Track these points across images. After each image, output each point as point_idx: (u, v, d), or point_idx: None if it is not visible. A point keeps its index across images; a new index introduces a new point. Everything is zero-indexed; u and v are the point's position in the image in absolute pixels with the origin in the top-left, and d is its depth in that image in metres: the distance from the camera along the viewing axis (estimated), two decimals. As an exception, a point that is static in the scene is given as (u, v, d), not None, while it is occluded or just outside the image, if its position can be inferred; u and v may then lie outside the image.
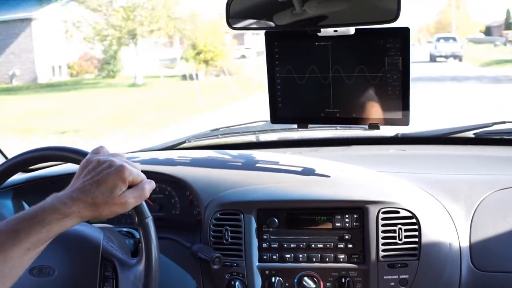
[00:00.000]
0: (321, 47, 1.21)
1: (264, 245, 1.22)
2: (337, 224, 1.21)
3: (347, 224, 1.20)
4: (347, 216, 1.21)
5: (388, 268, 1.17)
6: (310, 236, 1.22)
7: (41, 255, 0.84)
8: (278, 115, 1.30)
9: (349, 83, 1.21)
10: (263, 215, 1.23)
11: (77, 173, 0.88)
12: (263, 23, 1.20)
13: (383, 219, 1.18)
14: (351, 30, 1.16)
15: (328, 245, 1.20)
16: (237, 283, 1.20)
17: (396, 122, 1.21)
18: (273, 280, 1.20)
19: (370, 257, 1.17)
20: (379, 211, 1.18)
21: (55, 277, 1.05)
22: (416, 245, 1.17)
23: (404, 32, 1.15)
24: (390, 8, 1.08)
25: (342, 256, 1.20)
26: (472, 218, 1.22)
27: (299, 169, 1.34)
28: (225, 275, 1.22)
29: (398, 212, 1.18)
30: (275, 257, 1.21)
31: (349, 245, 1.20)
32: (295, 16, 1.15)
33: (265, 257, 1.22)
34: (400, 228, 1.17)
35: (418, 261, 1.17)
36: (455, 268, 1.19)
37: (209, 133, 1.76)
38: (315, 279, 1.19)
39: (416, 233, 1.17)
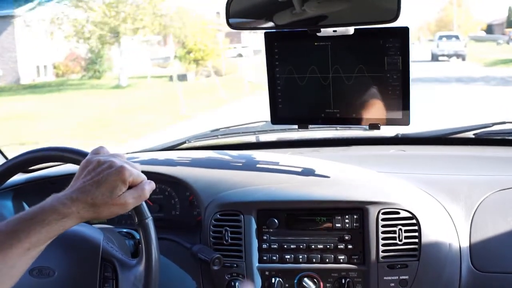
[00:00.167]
0: (320, 47, 1.21)
1: (264, 245, 1.22)
2: (337, 225, 1.21)
3: (347, 225, 1.20)
4: (347, 216, 1.20)
5: (388, 268, 1.17)
6: (310, 237, 1.21)
7: (41, 256, 0.84)
8: (279, 115, 1.30)
9: (349, 83, 1.21)
10: (263, 215, 1.23)
11: (77, 174, 0.88)
12: (262, 23, 1.20)
13: (383, 219, 1.18)
14: (350, 30, 1.16)
15: (328, 246, 1.20)
16: (237, 283, 1.20)
17: (396, 122, 1.20)
18: (273, 281, 1.20)
19: (370, 257, 1.17)
20: (379, 212, 1.18)
21: (55, 278, 1.05)
22: (416, 246, 1.17)
23: (404, 32, 1.15)
24: (389, 8, 1.08)
25: (342, 257, 1.19)
26: (472, 218, 1.22)
27: (299, 169, 1.33)
28: (225, 276, 1.22)
29: (398, 212, 1.18)
30: (275, 258, 1.21)
31: (349, 246, 1.20)
32: (295, 16, 1.15)
33: (265, 257, 1.21)
34: (400, 229, 1.17)
35: (418, 261, 1.16)
36: (455, 269, 1.19)
37: (209, 133, 1.76)
38: (315, 280, 1.19)
39: (416, 233, 1.17)
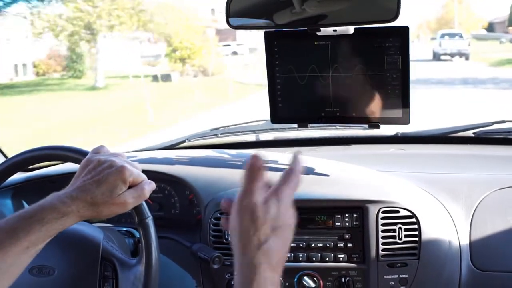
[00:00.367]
0: (320, 46, 1.21)
1: (264, 244, 1.22)
2: (337, 224, 1.21)
3: (347, 224, 1.20)
4: (347, 215, 1.21)
5: (388, 267, 1.17)
6: (310, 236, 1.21)
7: (41, 255, 0.84)
8: (278, 114, 1.30)
9: (348, 83, 1.21)
10: (263, 214, 1.22)
11: (77, 173, 0.88)
12: (262, 22, 1.19)
13: (383, 218, 1.18)
14: (350, 30, 1.16)
15: (328, 245, 1.20)
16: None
17: (396, 121, 1.21)
18: (273, 279, 1.20)
19: (370, 256, 1.17)
20: (379, 211, 1.18)
21: (55, 276, 1.05)
22: (416, 245, 1.17)
23: (404, 31, 1.15)
24: (389, 7, 1.08)
25: (342, 256, 1.20)
26: (472, 217, 1.22)
27: None
28: (225, 275, 1.22)
29: (398, 211, 1.18)
30: (275, 256, 1.21)
31: (349, 245, 1.20)
32: (295, 15, 1.15)
33: (265, 256, 1.21)
34: (400, 228, 1.17)
35: (418, 260, 1.17)
36: (455, 268, 1.19)
37: (208, 132, 1.76)
38: (315, 279, 1.19)
39: (416, 232, 1.17)
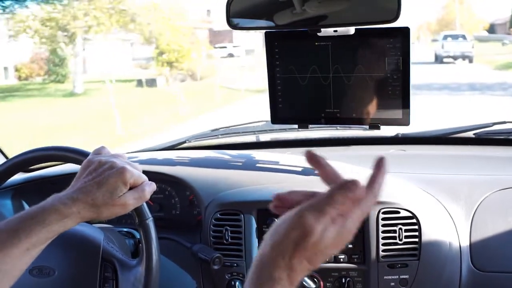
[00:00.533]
0: (321, 47, 1.21)
1: (264, 245, 1.22)
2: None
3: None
4: None
5: (388, 268, 1.17)
6: (310, 236, 1.21)
7: (41, 255, 0.84)
8: (279, 115, 1.30)
9: (349, 83, 1.21)
10: (263, 215, 1.22)
11: (78, 174, 0.88)
12: (263, 23, 1.19)
13: (383, 219, 1.18)
14: (351, 30, 1.16)
15: (328, 245, 1.20)
16: (237, 283, 1.20)
17: (397, 122, 1.20)
18: (273, 280, 1.20)
19: (370, 257, 1.17)
20: (379, 211, 1.18)
21: (55, 277, 1.05)
22: (416, 245, 1.17)
23: (404, 32, 1.15)
24: (390, 8, 1.08)
25: (342, 256, 1.19)
26: (472, 218, 1.22)
27: (299, 169, 1.33)
28: (225, 275, 1.22)
29: (398, 212, 1.18)
30: (275, 257, 1.21)
31: (349, 245, 1.20)
32: (295, 16, 1.15)
33: (265, 257, 1.21)
34: (400, 228, 1.17)
35: (418, 261, 1.16)
36: (455, 268, 1.19)
37: (209, 133, 1.76)
38: (315, 279, 1.19)
39: (416, 233, 1.17)
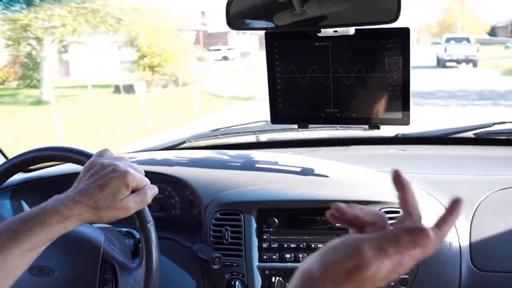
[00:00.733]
0: (321, 47, 1.21)
1: (264, 245, 1.22)
2: (337, 224, 1.21)
3: (347, 224, 1.20)
4: None
5: None
6: (310, 236, 1.21)
7: (41, 255, 0.84)
8: (278, 115, 1.30)
9: (349, 83, 1.21)
10: (263, 215, 1.23)
11: (80, 175, 0.87)
12: (263, 23, 1.20)
13: (383, 219, 1.18)
14: (351, 31, 1.16)
15: (328, 245, 1.20)
16: (237, 283, 1.20)
17: (396, 122, 1.21)
18: (273, 280, 1.20)
19: (370, 257, 1.17)
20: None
21: (54, 277, 1.05)
22: None
23: (404, 33, 1.15)
24: (390, 8, 1.08)
25: None
26: (472, 218, 1.22)
27: (299, 169, 1.34)
28: (225, 275, 1.22)
29: (398, 212, 1.18)
30: (275, 257, 1.21)
31: (349, 245, 1.20)
32: (295, 16, 1.15)
33: (265, 257, 1.22)
34: None
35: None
36: (455, 268, 1.19)
37: (209, 133, 1.76)
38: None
39: None
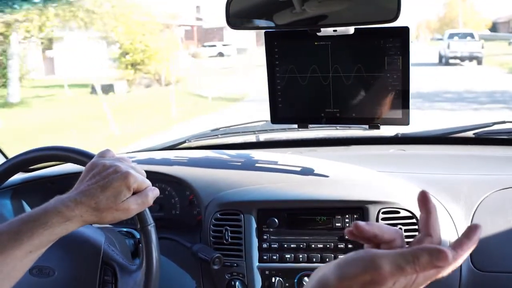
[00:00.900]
0: (320, 47, 1.21)
1: (264, 245, 1.22)
2: (337, 224, 1.21)
3: (347, 224, 1.20)
4: (347, 216, 1.20)
5: None
6: (310, 236, 1.21)
7: (42, 255, 0.84)
8: (278, 115, 1.30)
9: (349, 83, 1.21)
10: (263, 215, 1.23)
11: (81, 176, 0.87)
12: (263, 23, 1.19)
13: (383, 219, 1.18)
14: (350, 30, 1.16)
15: (328, 245, 1.20)
16: (237, 283, 1.20)
17: (396, 122, 1.21)
18: (273, 280, 1.20)
19: (370, 257, 1.17)
20: (379, 211, 1.18)
21: (54, 277, 1.05)
22: None
23: (404, 32, 1.15)
24: (390, 7, 1.08)
25: (342, 256, 1.19)
26: (472, 218, 1.22)
27: (299, 169, 1.34)
28: (225, 275, 1.22)
29: (398, 212, 1.18)
30: (275, 257, 1.21)
31: (349, 245, 1.20)
32: (295, 15, 1.15)
33: (265, 257, 1.22)
34: (400, 228, 1.16)
35: None
36: (455, 269, 1.18)
37: (209, 133, 1.76)
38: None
39: (416, 233, 1.16)
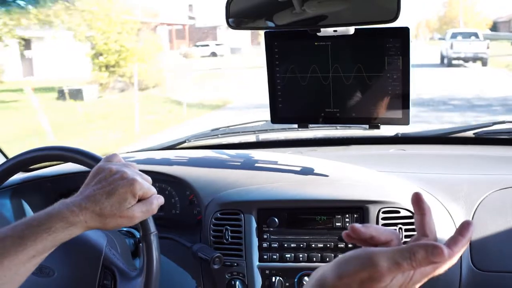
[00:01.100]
0: (320, 47, 1.21)
1: (264, 244, 1.22)
2: (337, 224, 1.21)
3: (347, 224, 1.20)
4: (347, 216, 1.21)
5: None
6: (310, 236, 1.21)
7: None
8: (278, 115, 1.30)
9: (349, 83, 1.21)
10: (263, 214, 1.23)
11: (87, 180, 0.86)
12: (263, 23, 1.20)
13: (383, 218, 1.18)
14: (350, 30, 1.16)
15: (328, 245, 1.20)
16: (237, 282, 1.20)
17: (396, 122, 1.21)
18: (273, 279, 1.20)
19: (370, 256, 1.17)
20: (379, 211, 1.18)
21: (54, 278, 1.05)
22: None
23: (404, 32, 1.15)
24: (390, 7, 1.08)
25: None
26: (472, 217, 1.22)
27: (299, 168, 1.34)
28: (225, 275, 1.22)
29: (398, 211, 1.18)
30: (275, 256, 1.21)
31: (349, 245, 1.20)
32: (295, 16, 1.15)
33: (265, 256, 1.22)
34: (400, 228, 1.17)
35: None
36: (455, 268, 1.19)
37: (209, 132, 1.76)
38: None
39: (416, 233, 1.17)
